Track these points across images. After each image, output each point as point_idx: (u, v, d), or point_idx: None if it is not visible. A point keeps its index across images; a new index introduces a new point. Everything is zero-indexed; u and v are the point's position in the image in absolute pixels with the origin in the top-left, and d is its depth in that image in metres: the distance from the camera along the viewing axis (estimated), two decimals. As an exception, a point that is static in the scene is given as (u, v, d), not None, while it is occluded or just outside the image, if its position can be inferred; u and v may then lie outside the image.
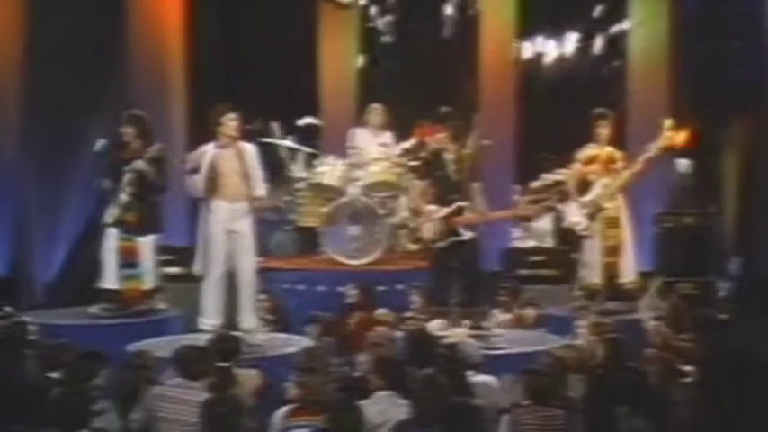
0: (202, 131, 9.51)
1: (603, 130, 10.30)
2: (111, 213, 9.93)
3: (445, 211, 9.07)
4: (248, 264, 9.09)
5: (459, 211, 9.10)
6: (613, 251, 10.27)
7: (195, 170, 9.07)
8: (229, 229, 8.99)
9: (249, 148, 9.14)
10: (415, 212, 10.03)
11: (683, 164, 12.57)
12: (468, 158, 9.18)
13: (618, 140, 10.57)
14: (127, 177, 9.89)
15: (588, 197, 10.30)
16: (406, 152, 11.53)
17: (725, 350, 7.25)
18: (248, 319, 9.08)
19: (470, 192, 9.16)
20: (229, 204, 8.99)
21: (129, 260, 9.96)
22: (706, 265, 11.40)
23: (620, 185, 10.27)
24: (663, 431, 6.12)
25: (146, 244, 10.06)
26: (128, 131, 9.95)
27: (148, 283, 10.11)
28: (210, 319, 9.00)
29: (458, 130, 9.23)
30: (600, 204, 10.26)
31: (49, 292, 11.39)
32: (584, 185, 10.38)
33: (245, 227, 9.08)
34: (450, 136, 9.19)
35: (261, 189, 9.13)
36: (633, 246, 10.39)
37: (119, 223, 9.92)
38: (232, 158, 9.00)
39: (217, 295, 9.03)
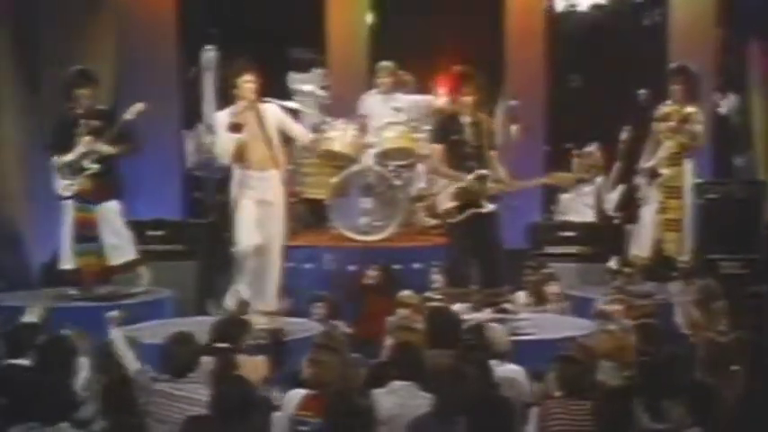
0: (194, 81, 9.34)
1: (675, 87, 10.19)
2: (68, 184, 9.76)
3: (470, 177, 8.87)
4: (278, 238, 9.03)
5: (482, 180, 8.89)
6: (673, 225, 10.16)
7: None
8: (260, 200, 8.93)
9: (271, 110, 9.03)
10: (436, 179, 9.82)
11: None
12: (487, 122, 9.02)
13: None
14: (81, 140, 9.73)
15: (649, 163, 10.16)
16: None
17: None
18: (271, 302, 9.03)
19: (488, 160, 8.98)
20: (258, 173, 8.90)
21: (86, 233, 9.80)
22: (754, 240, 11.27)
23: (678, 149, 10.13)
24: (707, 423, 6.04)
25: (107, 213, 9.88)
26: (84, 92, 9.76)
27: (117, 258, 9.93)
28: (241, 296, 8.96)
29: (479, 91, 9.06)
30: (656, 170, 10.11)
31: (46, 272, 11.34)
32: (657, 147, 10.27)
33: (277, 197, 9.00)
34: (471, 98, 9.01)
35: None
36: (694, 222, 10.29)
37: (77, 194, 9.75)
38: (253, 124, 8.89)
39: (248, 271, 8.94)
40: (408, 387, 6.38)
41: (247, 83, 8.85)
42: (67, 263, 9.89)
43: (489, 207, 8.90)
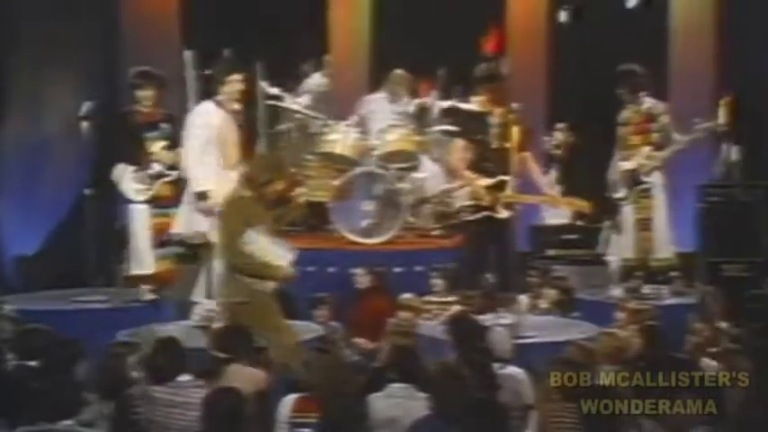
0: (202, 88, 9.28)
1: (623, 90, 10.17)
2: (141, 188, 9.59)
3: (488, 181, 8.83)
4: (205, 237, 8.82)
5: (501, 186, 8.87)
6: (645, 224, 10.19)
7: None
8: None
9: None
10: (453, 175, 9.73)
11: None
12: (512, 125, 8.94)
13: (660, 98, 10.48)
14: (156, 144, 9.60)
15: (627, 165, 10.16)
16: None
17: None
18: (207, 304, 8.81)
19: (518, 162, 8.86)
20: (229, 172, 8.78)
21: (164, 238, 9.50)
22: (757, 243, 11.24)
23: (661, 161, 10.14)
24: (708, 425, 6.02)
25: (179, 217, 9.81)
26: (146, 94, 9.60)
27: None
28: (208, 301, 8.84)
29: (502, 92, 8.98)
30: (638, 176, 10.13)
31: (26, 273, 11.28)
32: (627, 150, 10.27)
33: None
34: (494, 98, 8.94)
35: None
36: (670, 220, 10.28)
37: (154, 198, 9.57)
38: (230, 129, 8.78)
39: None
40: (407, 390, 6.37)
41: (238, 82, 8.74)
42: (141, 268, 9.66)
43: (504, 213, 8.85)
